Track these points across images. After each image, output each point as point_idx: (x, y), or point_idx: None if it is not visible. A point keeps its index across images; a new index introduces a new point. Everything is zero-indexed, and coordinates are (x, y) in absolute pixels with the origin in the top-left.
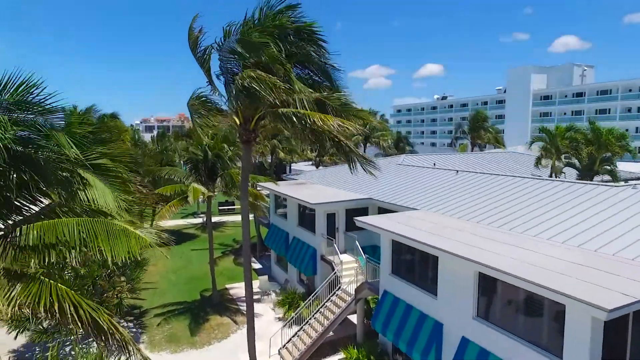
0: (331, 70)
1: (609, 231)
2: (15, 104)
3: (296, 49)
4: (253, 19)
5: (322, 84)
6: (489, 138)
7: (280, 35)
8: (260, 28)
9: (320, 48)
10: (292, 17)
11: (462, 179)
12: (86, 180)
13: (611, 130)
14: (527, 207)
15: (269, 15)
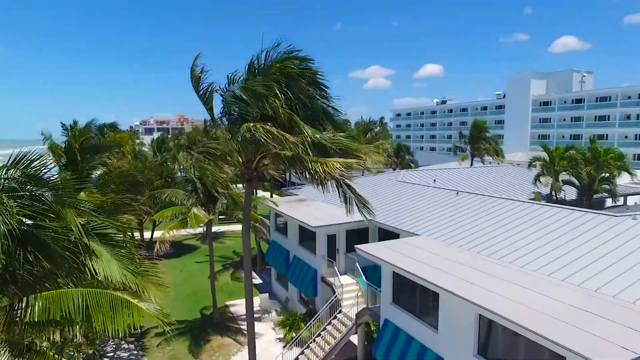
0: (332, 111)
1: (610, 269)
2: (25, 180)
3: (299, 90)
4: (258, 63)
5: (324, 122)
6: (488, 149)
7: (284, 79)
8: (264, 72)
9: (323, 91)
10: (296, 62)
11: (462, 201)
12: (92, 250)
13: (609, 150)
14: (527, 237)
15: (273, 62)
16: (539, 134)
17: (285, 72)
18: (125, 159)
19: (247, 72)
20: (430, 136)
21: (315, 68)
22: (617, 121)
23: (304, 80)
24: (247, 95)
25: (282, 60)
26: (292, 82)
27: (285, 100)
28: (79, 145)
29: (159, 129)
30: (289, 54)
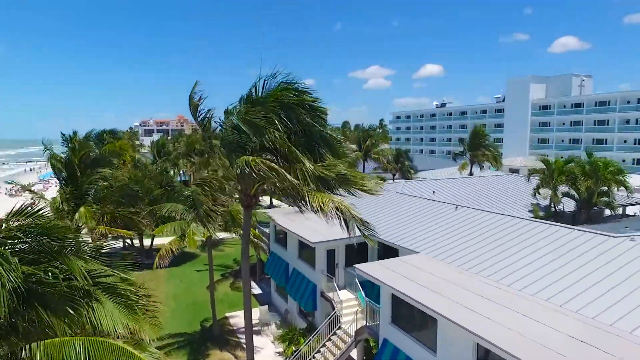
0: (331, 139)
1: (607, 294)
2: (27, 230)
3: (297, 119)
4: (256, 92)
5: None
6: (488, 156)
7: (283, 110)
8: (262, 102)
9: (321, 119)
10: (293, 92)
11: (461, 217)
12: (95, 298)
13: (608, 164)
14: (525, 258)
15: (272, 91)
16: (539, 137)
17: (283, 102)
18: (125, 168)
19: (246, 101)
20: (430, 139)
21: (313, 97)
22: (617, 126)
23: (303, 110)
24: (246, 126)
25: (280, 90)
26: (290, 112)
27: (284, 129)
28: (79, 159)
29: (159, 130)
30: (287, 85)
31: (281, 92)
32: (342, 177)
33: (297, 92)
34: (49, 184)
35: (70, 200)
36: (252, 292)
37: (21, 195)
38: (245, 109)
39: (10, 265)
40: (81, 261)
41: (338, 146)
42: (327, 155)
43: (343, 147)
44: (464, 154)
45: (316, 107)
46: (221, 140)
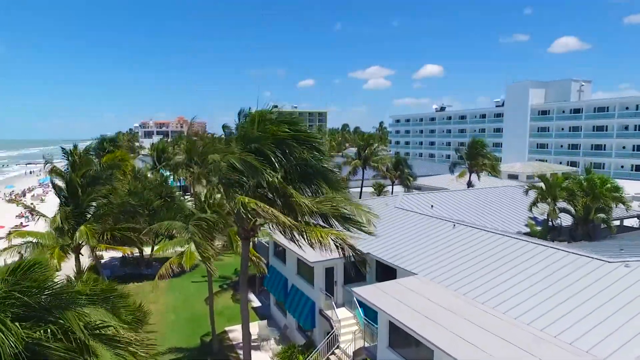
0: (327, 172)
1: (602, 325)
2: (24, 289)
3: (293, 153)
4: (252, 127)
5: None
6: (486, 165)
7: (278, 145)
8: (258, 138)
9: (318, 152)
10: (289, 126)
11: (459, 235)
12: (93, 351)
13: (605, 181)
14: (521, 283)
15: (268, 127)
16: (538, 142)
17: (278, 139)
18: (125, 179)
19: (242, 137)
20: (430, 143)
21: (308, 131)
22: (615, 132)
23: (298, 145)
24: (242, 166)
25: (275, 125)
26: (286, 147)
27: (280, 165)
28: (79, 178)
29: (159, 132)
30: (282, 118)
31: (276, 127)
32: (340, 214)
33: (292, 126)
34: (48, 187)
35: (70, 218)
36: (251, 304)
37: (21, 200)
38: (240, 145)
39: (9, 331)
40: (81, 311)
41: (334, 178)
42: (324, 186)
43: (338, 179)
44: (462, 163)
45: (311, 141)
46: (218, 176)
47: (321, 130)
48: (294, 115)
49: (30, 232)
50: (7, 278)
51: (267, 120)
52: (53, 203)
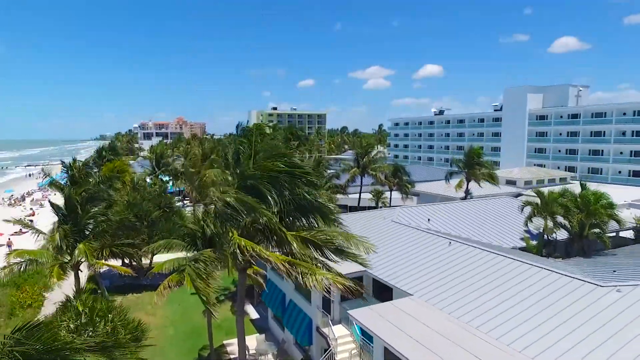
0: (321, 207)
1: (594, 353)
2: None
3: (288, 188)
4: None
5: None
6: (483, 174)
7: (274, 182)
8: (253, 175)
9: (312, 187)
10: (286, 161)
11: (455, 253)
12: None
13: (599, 197)
14: (514, 307)
15: (264, 164)
16: (536, 147)
17: (274, 177)
18: (124, 190)
19: (238, 174)
20: (428, 146)
21: (303, 166)
22: (613, 137)
23: (295, 180)
24: (238, 205)
25: (271, 161)
26: (281, 183)
27: (275, 200)
28: (78, 197)
29: (158, 133)
30: (278, 154)
31: (272, 163)
32: (334, 247)
33: (288, 162)
34: (48, 191)
35: (69, 236)
36: (249, 317)
37: (20, 205)
38: (237, 181)
39: None
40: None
41: (328, 213)
42: (319, 219)
43: (333, 212)
44: (460, 172)
45: (306, 176)
46: (214, 211)
47: (320, 133)
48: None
49: (29, 251)
50: (12, 336)
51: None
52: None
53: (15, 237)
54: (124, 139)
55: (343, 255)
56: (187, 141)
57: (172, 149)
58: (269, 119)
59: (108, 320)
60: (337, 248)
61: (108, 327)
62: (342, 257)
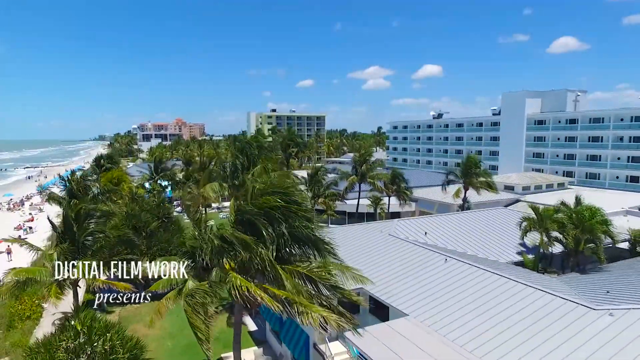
0: (317, 240)
1: None
2: None
3: (285, 222)
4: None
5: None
6: (481, 183)
7: (270, 218)
8: (250, 211)
9: (308, 221)
10: (283, 196)
11: (451, 271)
12: None
13: (594, 213)
14: (508, 330)
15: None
16: (534, 152)
17: (271, 213)
18: (123, 201)
19: (235, 210)
20: (427, 150)
21: (300, 202)
22: (610, 143)
23: (291, 215)
24: (234, 241)
25: (269, 197)
26: (278, 220)
27: (271, 236)
28: (75, 214)
29: (157, 135)
30: (275, 189)
31: (270, 199)
32: (329, 283)
33: (286, 197)
34: (47, 195)
35: (67, 254)
36: (246, 328)
37: (20, 209)
38: (235, 215)
39: None
40: None
41: (323, 246)
42: (315, 252)
43: (328, 244)
44: (457, 181)
45: (303, 211)
46: (211, 245)
47: (319, 136)
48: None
49: (27, 269)
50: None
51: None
52: (51, 212)
53: (14, 245)
54: (123, 141)
55: (338, 291)
56: (186, 144)
57: (171, 151)
58: (268, 121)
59: (107, 339)
60: (331, 284)
61: (107, 346)
62: (337, 293)
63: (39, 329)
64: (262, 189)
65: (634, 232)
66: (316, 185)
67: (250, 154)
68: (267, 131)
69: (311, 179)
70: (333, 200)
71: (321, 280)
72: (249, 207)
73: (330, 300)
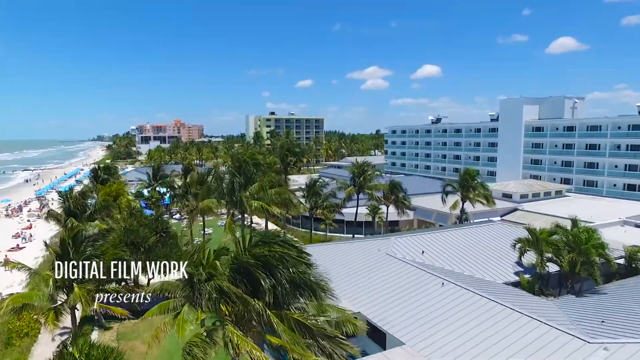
0: (314, 286)
1: None
2: None
3: (282, 270)
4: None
5: (307, 294)
6: (479, 195)
7: (268, 267)
8: (247, 262)
9: (307, 267)
10: (280, 244)
11: (448, 296)
12: None
13: (590, 236)
14: None
15: (258, 250)
16: (532, 158)
17: (269, 262)
18: (121, 215)
19: (233, 260)
20: (425, 154)
21: (298, 248)
22: (608, 150)
23: (288, 261)
24: (232, 295)
25: (267, 247)
26: (275, 268)
27: (269, 284)
28: (72, 240)
29: (156, 137)
30: (272, 238)
31: (268, 249)
32: (324, 334)
33: (283, 245)
34: (45, 200)
35: (65, 279)
36: None
37: (18, 215)
38: (231, 264)
39: None
40: None
41: (320, 292)
42: (312, 299)
43: (325, 289)
44: (455, 192)
45: (300, 259)
46: (208, 292)
47: (318, 139)
48: (284, 237)
49: (24, 294)
50: None
51: (258, 239)
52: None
53: (12, 253)
54: (122, 143)
55: (332, 341)
56: (185, 147)
57: (170, 155)
58: (267, 124)
59: None
60: (326, 335)
61: None
62: (333, 344)
63: (37, 346)
64: (259, 238)
65: (629, 249)
66: (314, 196)
67: (247, 172)
68: (266, 134)
69: (309, 190)
70: (331, 211)
71: (317, 329)
72: (246, 257)
73: (327, 347)
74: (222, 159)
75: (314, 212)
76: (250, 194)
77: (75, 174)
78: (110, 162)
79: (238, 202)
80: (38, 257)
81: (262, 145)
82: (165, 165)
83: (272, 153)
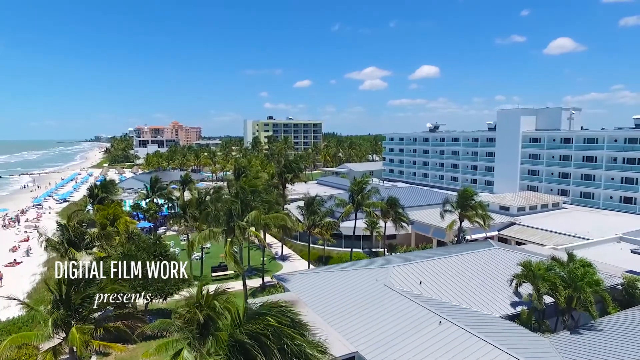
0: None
1: None
2: None
3: (278, 342)
4: None
5: None
6: (476, 215)
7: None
8: (244, 335)
9: (303, 336)
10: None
11: (445, 337)
12: None
13: (586, 273)
14: None
15: (256, 322)
16: (529, 169)
17: (262, 338)
18: (119, 239)
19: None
20: (423, 162)
21: (294, 319)
22: (604, 163)
23: (283, 335)
24: None
25: (260, 317)
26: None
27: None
28: (67, 283)
29: (154, 141)
30: (271, 306)
31: (263, 321)
32: None
33: (277, 316)
34: (42, 208)
35: (63, 318)
36: None
37: (15, 226)
38: (227, 338)
39: None
40: None
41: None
42: None
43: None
44: (452, 211)
45: (297, 330)
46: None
47: (317, 146)
48: (278, 308)
49: (22, 334)
50: None
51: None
52: (48, 226)
53: (9, 269)
54: (120, 146)
55: None
56: (183, 152)
57: (168, 161)
58: (265, 128)
59: None
60: None
61: None
62: None
63: None
64: (255, 310)
65: (628, 277)
66: (312, 215)
67: (244, 199)
68: (264, 139)
69: (307, 209)
70: (329, 230)
71: None
72: (241, 335)
73: None
74: (220, 164)
75: (311, 231)
76: (247, 222)
77: (74, 179)
78: (108, 165)
79: (235, 229)
80: (36, 274)
81: (260, 150)
82: (163, 172)
83: (269, 159)
